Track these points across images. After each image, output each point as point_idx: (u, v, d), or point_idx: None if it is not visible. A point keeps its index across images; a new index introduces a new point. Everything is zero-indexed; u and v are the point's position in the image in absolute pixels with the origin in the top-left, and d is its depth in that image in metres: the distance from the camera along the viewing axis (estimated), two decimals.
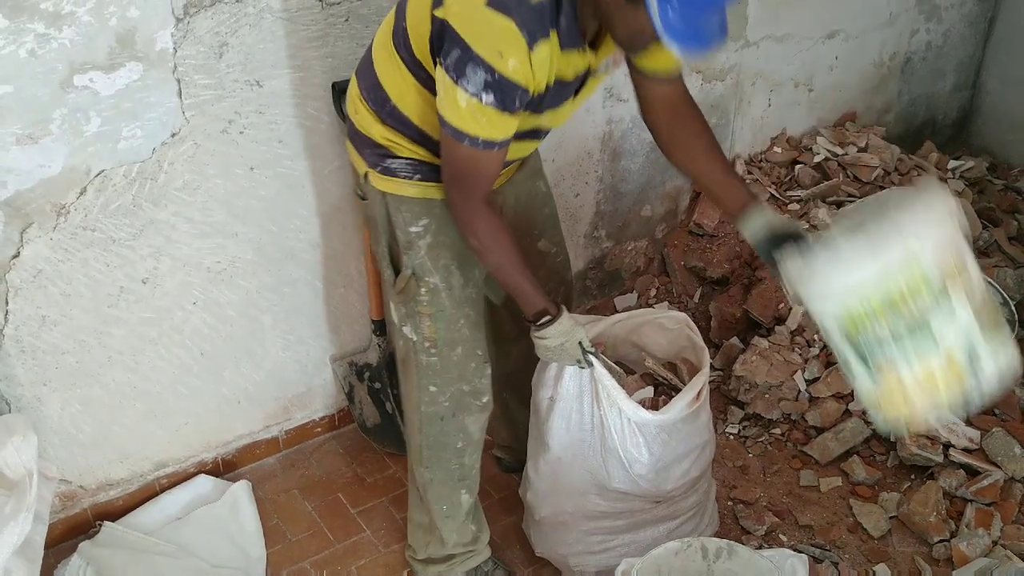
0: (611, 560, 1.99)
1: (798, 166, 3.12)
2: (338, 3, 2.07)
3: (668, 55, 1.59)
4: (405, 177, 1.70)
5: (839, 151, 3.16)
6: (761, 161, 3.14)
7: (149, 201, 2.03)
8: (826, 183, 3.02)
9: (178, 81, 1.95)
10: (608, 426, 1.83)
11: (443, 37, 1.48)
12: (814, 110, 3.24)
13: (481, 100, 1.47)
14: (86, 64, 1.82)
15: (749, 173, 3.05)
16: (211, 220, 2.13)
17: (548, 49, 1.49)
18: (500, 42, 1.45)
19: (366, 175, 1.74)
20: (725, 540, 1.78)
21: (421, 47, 1.57)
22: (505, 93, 1.47)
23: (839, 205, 2.98)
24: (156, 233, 2.07)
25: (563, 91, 1.60)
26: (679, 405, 1.84)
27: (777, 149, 3.15)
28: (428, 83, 1.60)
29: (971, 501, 2.25)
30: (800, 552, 2.00)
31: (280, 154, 2.16)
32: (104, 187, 1.96)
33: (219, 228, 2.15)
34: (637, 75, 1.75)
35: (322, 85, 2.13)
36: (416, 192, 1.71)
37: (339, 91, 2.12)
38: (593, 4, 1.50)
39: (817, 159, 3.12)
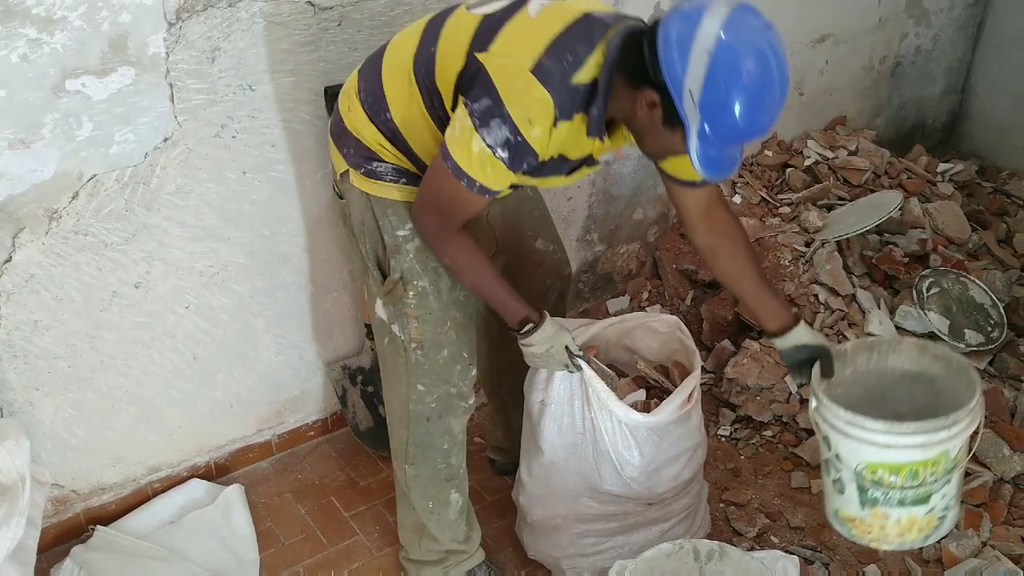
0: (604, 562, 2.00)
1: (789, 169, 3.14)
2: (330, 8, 2.08)
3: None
4: (391, 180, 1.71)
5: (829, 154, 3.18)
6: (752, 165, 3.16)
7: (141, 205, 2.03)
8: (817, 186, 3.04)
9: (170, 86, 1.95)
10: (600, 428, 1.84)
11: (475, 80, 1.50)
12: (804, 114, 3.26)
13: (495, 153, 1.50)
14: (78, 69, 1.83)
15: (740, 177, 3.07)
16: (203, 224, 2.13)
17: (567, 129, 1.53)
18: (533, 111, 1.48)
19: (346, 173, 1.74)
20: (716, 542, 1.79)
21: (446, 79, 1.58)
22: (519, 154, 1.51)
23: (829, 208, 3.00)
24: (148, 237, 2.07)
25: (561, 166, 1.64)
26: (670, 407, 1.85)
27: (768, 152, 3.17)
28: (436, 111, 1.62)
29: (961, 502, 2.26)
30: (791, 553, 2.00)
31: (272, 158, 2.16)
32: (96, 192, 1.96)
33: (212, 232, 2.15)
34: (665, 177, 1.79)
35: (314, 89, 2.14)
36: (403, 195, 1.71)
37: (331, 95, 2.13)
38: (624, 110, 1.54)
39: (807, 163, 3.14)
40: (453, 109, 1.58)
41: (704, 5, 1.40)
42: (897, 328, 2.64)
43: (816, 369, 1.76)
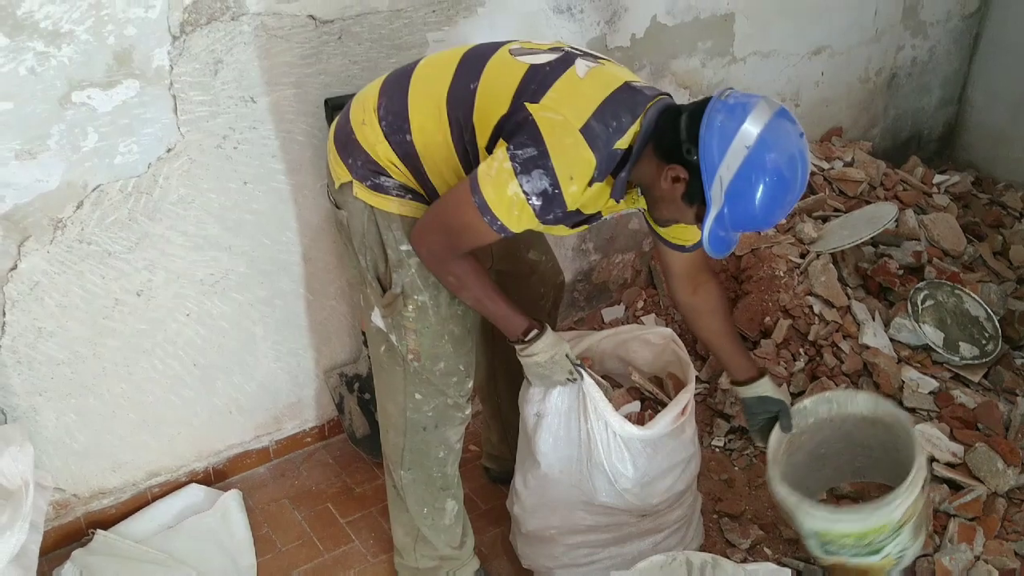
0: (597, 573, 2.03)
1: None
2: (331, 22, 2.10)
3: (691, 232, 1.79)
4: (397, 195, 1.72)
5: (825, 165, 3.21)
6: None
7: (144, 215, 2.06)
8: (812, 197, 3.07)
9: (174, 98, 1.98)
10: (595, 440, 1.87)
11: (522, 128, 1.55)
12: (801, 125, 3.27)
13: (528, 200, 1.55)
14: (84, 81, 1.85)
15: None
16: (205, 233, 2.16)
17: (597, 189, 1.59)
18: (576, 169, 1.54)
19: (347, 184, 1.74)
20: (710, 554, 1.81)
21: (485, 119, 1.62)
22: (552, 205, 1.56)
23: (825, 220, 3.02)
24: (151, 246, 2.10)
25: (572, 218, 1.69)
26: (665, 420, 1.88)
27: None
28: (464, 145, 1.66)
29: (954, 516, 2.28)
30: (784, 565, 2.04)
31: (273, 169, 2.19)
32: (100, 201, 1.99)
33: (213, 241, 2.18)
34: (656, 237, 1.88)
35: (315, 102, 2.16)
36: (408, 210, 1.73)
37: (332, 107, 2.15)
38: (647, 178, 1.61)
39: None
40: (488, 148, 1.62)
41: (749, 103, 1.51)
42: (892, 340, 2.67)
43: (774, 435, 1.99)
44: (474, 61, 1.67)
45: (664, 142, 1.57)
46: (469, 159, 1.67)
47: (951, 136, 3.85)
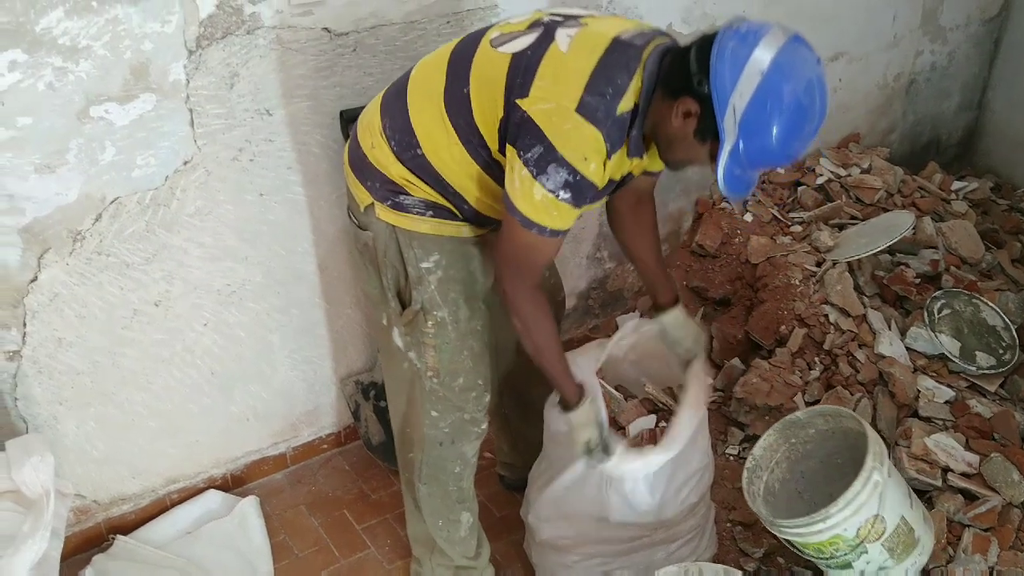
0: None
1: (800, 187, 3.15)
2: (346, 34, 2.12)
3: (657, 162, 1.70)
4: (418, 213, 1.72)
5: (842, 172, 3.19)
6: (764, 182, 3.17)
7: (162, 227, 2.08)
8: (828, 205, 3.05)
9: (190, 111, 2.00)
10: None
11: (523, 129, 1.52)
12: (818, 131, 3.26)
13: (558, 197, 1.51)
14: (102, 96, 1.88)
15: (752, 195, 3.08)
16: (222, 244, 2.19)
17: (619, 155, 1.56)
18: (586, 148, 1.50)
19: (371, 207, 1.75)
20: (722, 566, 1.82)
21: (487, 123, 1.59)
22: (581, 192, 1.53)
23: (841, 228, 3.01)
24: (169, 257, 2.13)
25: (608, 189, 1.66)
26: (679, 439, 1.86)
27: (780, 170, 3.18)
28: (475, 148, 1.63)
29: (969, 526, 2.27)
30: (796, 575, 2.04)
31: (289, 180, 2.21)
32: (118, 214, 2.02)
33: (229, 252, 2.21)
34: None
35: (330, 113, 2.18)
36: (429, 228, 1.72)
37: (347, 119, 2.17)
38: (658, 120, 1.56)
39: (820, 180, 3.15)
40: (500, 151, 1.60)
41: (762, 29, 1.44)
42: (908, 350, 2.65)
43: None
44: (460, 60, 1.64)
45: (673, 81, 1.50)
46: (484, 159, 1.65)
47: (970, 141, 3.82)
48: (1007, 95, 3.68)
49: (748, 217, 3.01)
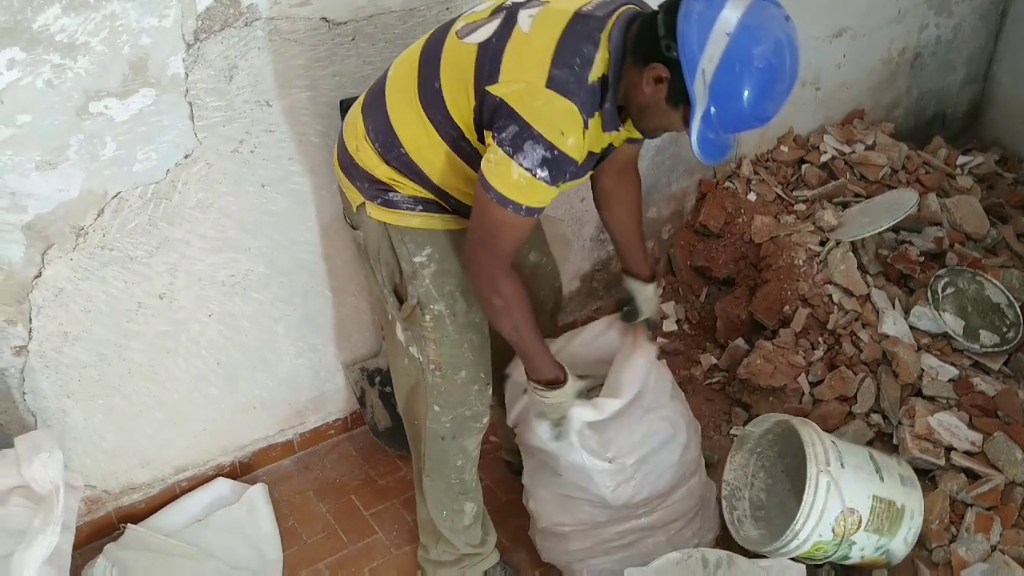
0: (613, 565, 2.05)
1: (805, 165, 3.13)
2: (344, 23, 2.11)
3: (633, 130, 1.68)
4: (407, 209, 1.74)
5: (846, 149, 3.17)
6: (768, 160, 3.16)
7: (164, 220, 2.09)
8: (832, 183, 3.04)
9: (190, 104, 2.00)
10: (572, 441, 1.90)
11: (497, 112, 1.51)
12: (821, 108, 3.25)
13: (535, 175, 1.50)
14: (101, 91, 1.87)
15: (756, 173, 3.07)
16: (224, 236, 2.19)
17: (594, 126, 1.55)
18: (561, 123, 1.49)
19: (362, 206, 1.77)
20: (725, 551, 1.84)
21: (462, 114, 1.60)
22: (560, 167, 1.51)
23: (845, 206, 2.99)
24: (171, 250, 2.13)
25: (589, 163, 1.65)
26: (626, 386, 1.90)
27: (784, 148, 3.17)
28: (456, 142, 1.63)
29: (971, 505, 2.28)
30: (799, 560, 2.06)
31: (290, 171, 2.21)
32: (121, 208, 2.02)
33: (232, 243, 2.21)
34: None
35: (330, 103, 2.18)
36: (419, 223, 1.74)
37: (347, 108, 2.15)
38: (630, 89, 1.54)
39: (824, 158, 3.13)
40: (479, 141, 1.61)
41: None
42: (912, 328, 2.65)
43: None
44: (430, 55, 1.64)
45: (642, 48, 1.49)
46: (465, 151, 1.65)
47: (976, 114, 3.78)
48: (1013, 66, 3.64)
49: (752, 196, 3.00)
